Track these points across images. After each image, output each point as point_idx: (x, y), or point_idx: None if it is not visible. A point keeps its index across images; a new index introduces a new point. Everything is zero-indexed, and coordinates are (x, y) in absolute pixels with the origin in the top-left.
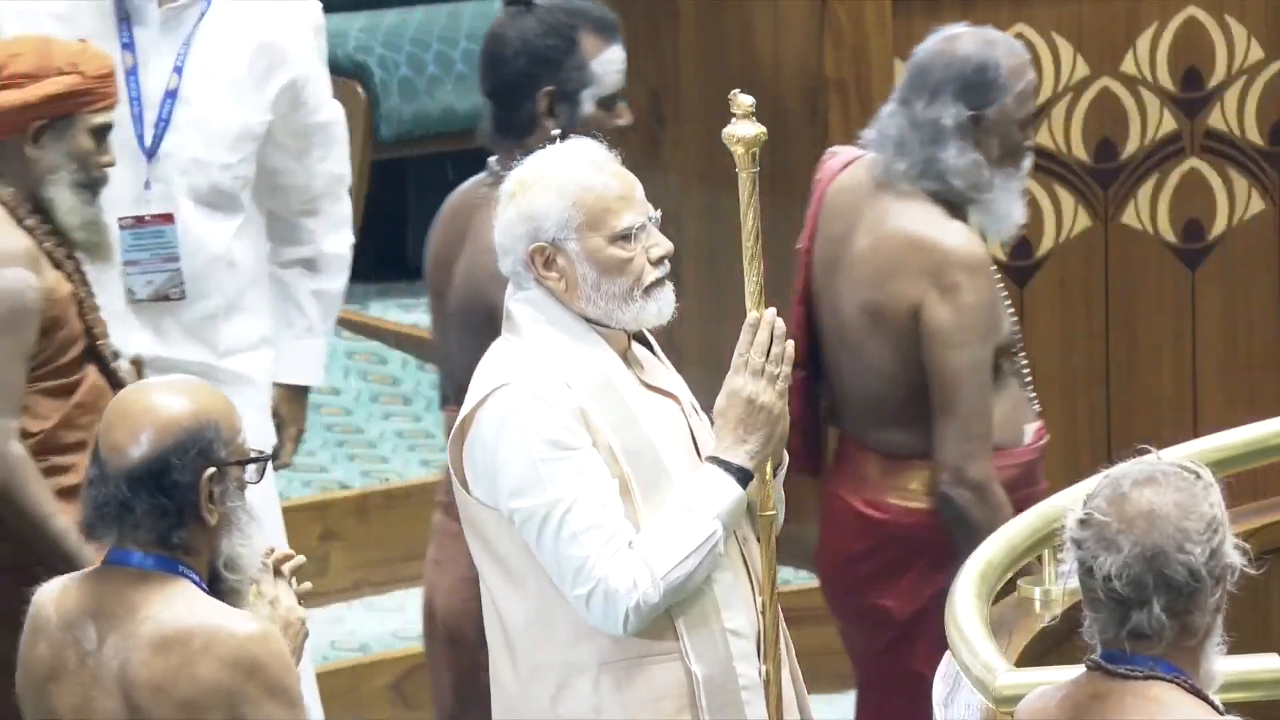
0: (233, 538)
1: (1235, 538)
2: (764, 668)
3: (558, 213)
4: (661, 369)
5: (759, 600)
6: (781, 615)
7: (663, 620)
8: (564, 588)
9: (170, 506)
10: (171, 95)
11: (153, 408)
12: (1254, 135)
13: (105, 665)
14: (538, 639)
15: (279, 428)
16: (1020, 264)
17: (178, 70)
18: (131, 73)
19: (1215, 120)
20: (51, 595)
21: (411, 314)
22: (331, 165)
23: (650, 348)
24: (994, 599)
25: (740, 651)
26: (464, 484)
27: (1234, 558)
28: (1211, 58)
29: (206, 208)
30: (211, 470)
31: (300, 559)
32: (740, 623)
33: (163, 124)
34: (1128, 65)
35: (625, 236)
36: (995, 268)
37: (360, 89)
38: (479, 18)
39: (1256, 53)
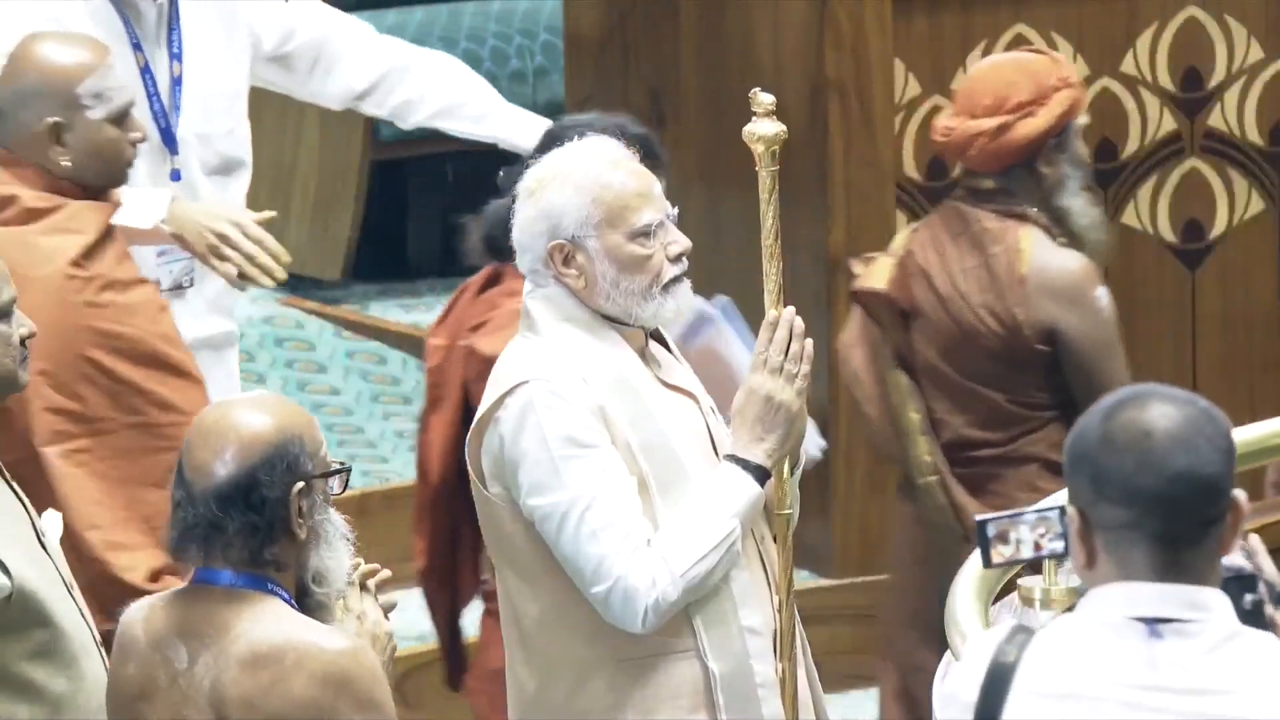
0: (321, 551)
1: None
2: (780, 666)
3: (576, 210)
4: (678, 367)
5: (775, 598)
6: (797, 614)
7: (680, 618)
8: (582, 585)
9: (261, 523)
10: (178, 82)
11: (236, 425)
12: (1254, 135)
13: (196, 684)
14: (554, 636)
15: None
16: None
17: (177, 57)
18: (145, 71)
19: (1215, 120)
20: (139, 616)
21: (411, 314)
22: (349, 70)
23: (666, 346)
24: (995, 598)
25: (757, 649)
26: (481, 481)
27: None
28: (1211, 58)
29: (219, 177)
30: (300, 485)
31: (386, 573)
32: (757, 621)
33: (176, 112)
34: (1128, 65)
35: (644, 233)
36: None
37: None
38: (479, 17)
39: (1256, 53)
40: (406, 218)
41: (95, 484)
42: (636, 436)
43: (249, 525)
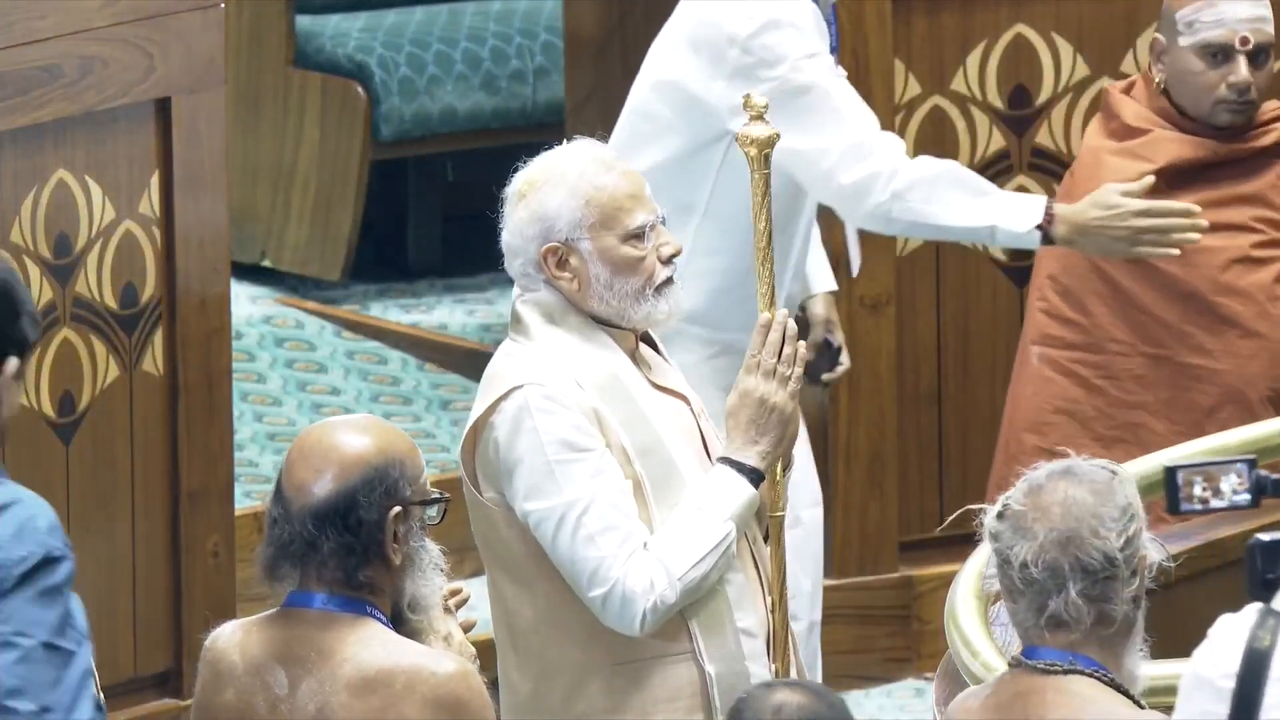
0: (416, 579)
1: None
2: (773, 667)
3: (570, 212)
4: (669, 370)
5: (768, 600)
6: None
7: (676, 620)
8: (579, 589)
9: (356, 545)
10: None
11: (338, 445)
12: None
13: (300, 710)
14: (549, 640)
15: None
16: (1027, 265)
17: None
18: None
19: None
20: (234, 640)
21: (411, 314)
22: None
23: (655, 348)
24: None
25: (751, 651)
26: (475, 485)
27: (1151, 551)
28: None
29: None
30: (397, 509)
31: (468, 593)
32: (751, 622)
33: None
34: (1127, 65)
35: (637, 235)
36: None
37: (360, 89)
38: (479, 17)
39: None
40: (406, 218)
41: (1067, 386)
42: (631, 439)
43: (344, 546)
